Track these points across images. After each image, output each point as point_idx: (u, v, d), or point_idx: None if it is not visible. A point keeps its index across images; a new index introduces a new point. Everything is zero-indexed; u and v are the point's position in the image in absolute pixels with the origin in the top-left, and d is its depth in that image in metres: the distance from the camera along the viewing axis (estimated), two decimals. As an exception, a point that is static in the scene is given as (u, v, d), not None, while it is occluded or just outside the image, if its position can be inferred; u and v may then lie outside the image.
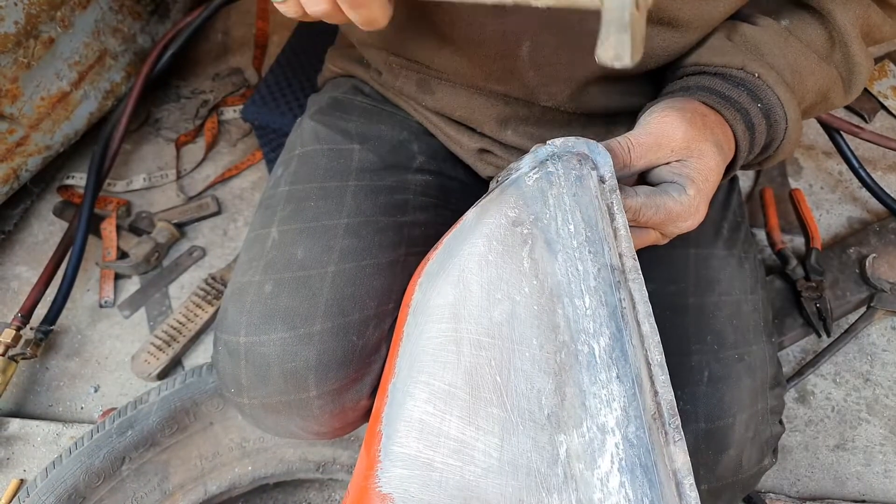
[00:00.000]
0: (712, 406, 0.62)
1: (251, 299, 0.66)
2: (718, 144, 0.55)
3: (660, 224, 0.54)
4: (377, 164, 0.76)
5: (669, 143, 0.53)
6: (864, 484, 1.13)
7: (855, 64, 0.64)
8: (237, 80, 1.57)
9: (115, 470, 0.88)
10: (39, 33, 1.22)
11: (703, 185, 0.54)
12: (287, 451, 0.93)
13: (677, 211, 0.53)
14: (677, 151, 0.54)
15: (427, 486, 0.54)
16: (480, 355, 0.56)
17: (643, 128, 0.55)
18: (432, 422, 0.56)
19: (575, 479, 0.51)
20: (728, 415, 0.61)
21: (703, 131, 0.54)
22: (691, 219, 0.55)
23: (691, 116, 0.54)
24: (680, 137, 0.53)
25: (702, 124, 0.55)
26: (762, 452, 0.64)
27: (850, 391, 1.22)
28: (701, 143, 0.54)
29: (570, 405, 0.52)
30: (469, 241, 0.60)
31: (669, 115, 0.54)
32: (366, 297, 0.66)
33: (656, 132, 0.54)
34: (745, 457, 0.62)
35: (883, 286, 1.23)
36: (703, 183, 0.54)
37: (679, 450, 0.52)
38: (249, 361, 0.64)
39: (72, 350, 1.25)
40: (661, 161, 0.54)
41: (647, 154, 0.54)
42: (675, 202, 0.53)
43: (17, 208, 1.36)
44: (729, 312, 0.66)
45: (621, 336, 0.53)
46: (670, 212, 0.53)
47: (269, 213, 0.73)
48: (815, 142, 1.49)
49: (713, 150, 0.54)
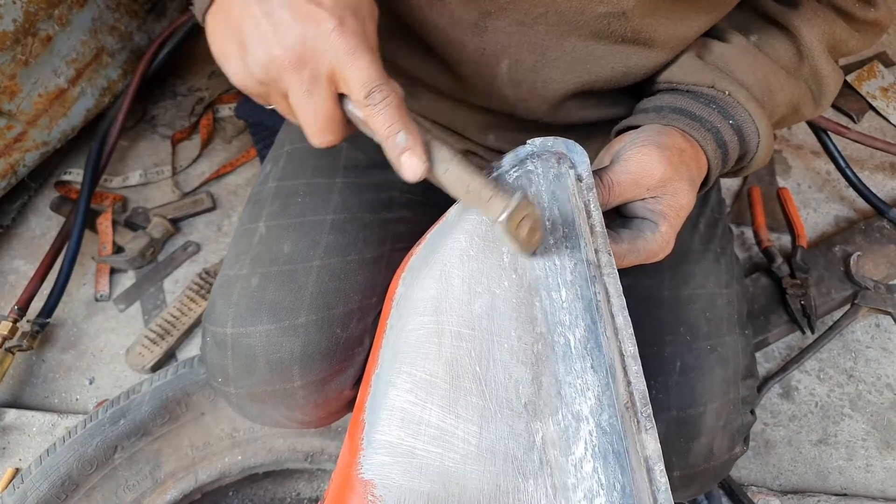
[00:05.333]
0: (684, 395, 0.63)
1: (238, 292, 0.67)
2: (692, 181, 0.58)
3: (639, 262, 0.57)
4: (364, 161, 0.78)
5: (647, 182, 0.56)
6: (845, 478, 1.15)
7: (823, 77, 0.66)
8: (233, 78, 1.58)
9: (107, 458, 0.90)
10: (38, 31, 1.23)
11: (674, 221, 0.57)
12: (276, 442, 0.95)
13: (653, 250, 0.57)
14: (653, 189, 0.56)
15: (408, 472, 0.55)
16: (461, 346, 0.57)
17: (623, 165, 0.56)
18: (414, 410, 0.57)
19: (550, 465, 0.52)
20: (699, 404, 0.63)
21: (680, 169, 0.57)
22: (662, 252, 0.58)
23: (669, 154, 0.56)
24: (658, 178, 0.55)
25: (679, 161, 0.57)
26: (733, 441, 0.66)
27: (834, 387, 1.24)
28: (676, 182, 0.56)
29: (547, 394, 0.54)
30: (451, 237, 0.61)
31: (650, 153, 0.56)
32: (350, 290, 0.68)
33: (636, 171, 0.56)
34: (716, 445, 0.64)
35: (867, 284, 1.25)
36: (675, 219, 0.57)
37: (650, 437, 0.54)
38: (236, 352, 0.66)
39: (67, 343, 1.27)
40: (637, 198, 0.57)
41: (625, 193, 0.56)
42: (651, 243, 0.57)
43: (15, 203, 1.38)
44: (703, 305, 0.68)
45: (596, 328, 0.55)
46: (648, 252, 0.57)
47: (258, 209, 0.74)
48: (804, 142, 1.51)
49: (686, 188, 0.57)
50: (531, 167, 0.59)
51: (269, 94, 0.51)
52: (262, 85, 0.50)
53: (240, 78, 0.51)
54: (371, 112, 0.47)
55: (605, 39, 0.62)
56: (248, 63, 0.49)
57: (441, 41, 0.66)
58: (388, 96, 0.47)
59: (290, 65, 0.47)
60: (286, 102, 0.51)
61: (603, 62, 0.64)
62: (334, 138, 0.52)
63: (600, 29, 0.60)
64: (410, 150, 0.48)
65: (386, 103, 0.47)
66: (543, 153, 0.60)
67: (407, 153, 0.48)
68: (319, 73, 0.47)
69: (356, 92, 0.47)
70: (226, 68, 0.51)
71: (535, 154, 0.60)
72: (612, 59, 0.63)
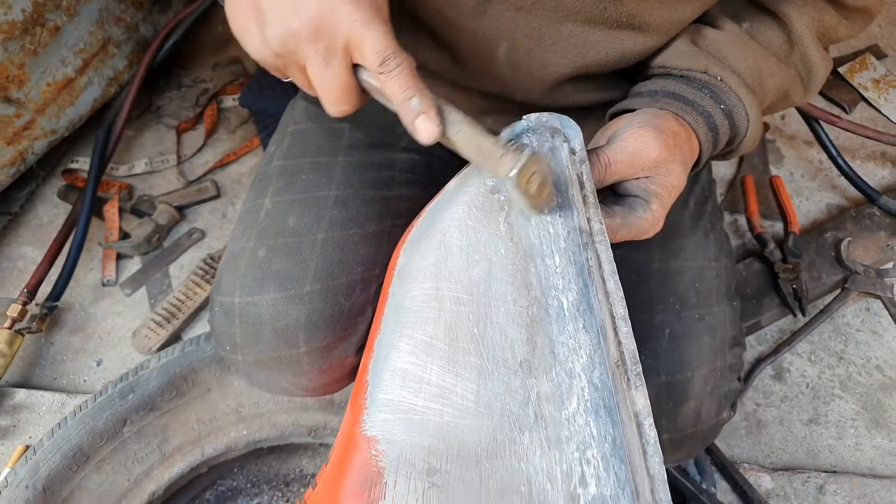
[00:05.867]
0: (673, 361, 0.66)
1: (245, 263, 0.70)
2: (684, 163, 0.61)
3: (629, 238, 0.60)
4: (366, 141, 0.81)
5: (643, 162, 0.59)
6: (835, 456, 1.18)
7: (812, 64, 0.69)
8: (236, 70, 1.61)
9: (116, 431, 0.93)
10: (46, 21, 1.26)
11: (666, 201, 0.60)
12: (280, 417, 0.98)
13: (644, 227, 0.60)
14: (647, 169, 0.59)
15: (409, 427, 0.58)
16: (460, 310, 0.60)
17: (622, 144, 0.59)
18: (415, 370, 0.60)
19: (544, 419, 0.55)
20: (688, 369, 0.66)
21: (674, 151, 0.59)
22: (652, 230, 0.61)
23: (665, 137, 0.59)
24: (653, 159, 0.58)
25: (673, 144, 0.60)
26: (720, 406, 0.69)
27: (825, 369, 1.26)
28: (670, 163, 0.59)
29: (541, 353, 0.57)
30: (450, 208, 0.64)
31: (647, 135, 0.58)
32: (353, 262, 0.71)
33: (633, 151, 0.58)
34: (703, 409, 0.67)
35: (857, 268, 1.28)
36: (667, 198, 0.60)
37: (640, 394, 0.56)
38: (244, 320, 0.69)
39: (75, 326, 1.29)
40: (632, 177, 0.60)
41: (622, 171, 0.59)
42: (642, 220, 0.60)
43: (23, 191, 1.41)
44: (692, 277, 0.71)
45: (588, 291, 0.57)
46: (639, 228, 0.60)
47: (263, 186, 0.77)
48: (797, 131, 1.54)
49: (679, 170, 0.60)
50: (527, 141, 0.62)
51: (287, 67, 0.54)
52: (279, 58, 0.53)
53: (259, 52, 0.54)
54: (386, 79, 0.50)
55: (601, 24, 0.64)
56: (266, 37, 0.51)
57: (442, 24, 0.69)
58: (402, 63, 0.50)
59: (306, 37, 0.49)
60: (303, 74, 0.53)
61: (598, 46, 0.66)
62: (350, 107, 0.55)
63: (596, 14, 0.63)
64: (425, 113, 0.51)
65: (400, 70, 0.50)
66: (539, 128, 0.63)
67: (421, 117, 0.51)
68: (335, 45, 0.50)
69: (371, 60, 0.50)
70: (245, 43, 0.54)
71: (530, 129, 0.63)
72: (608, 43, 0.66)
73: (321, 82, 0.52)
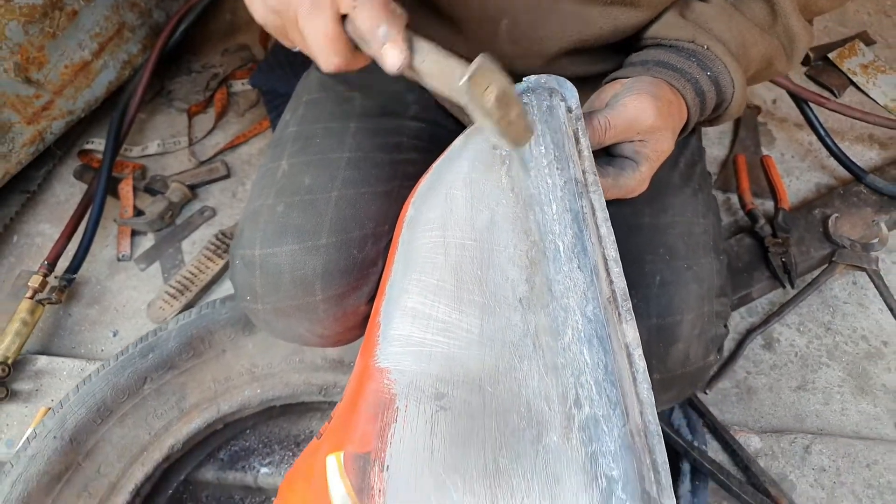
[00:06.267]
0: (663, 305, 0.71)
1: (265, 218, 0.75)
2: (674, 130, 0.67)
3: (617, 196, 0.67)
4: (376, 110, 0.86)
5: (639, 126, 0.65)
6: (822, 420, 1.23)
7: (794, 34, 0.74)
8: (245, 56, 1.67)
9: (137, 388, 0.98)
10: (64, 5, 1.31)
11: (654, 163, 0.67)
12: (293, 377, 1.03)
13: (632, 186, 0.67)
14: (642, 133, 0.65)
15: (418, 358, 0.63)
16: (464, 255, 0.65)
17: (621, 109, 0.65)
18: (423, 309, 0.65)
19: (542, 349, 0.60)
20: (677, 313, 0.71)
21: (667, 119, 0.65)
22: (639, 189, 0.68)
23: (660, 105, 0.65)
24: (649, 124, 0.64)
25: (667, 112, 0.66)
26: (707, 349, 0.74)
27: (813, 339, 1.32)
28: (662, 130, 0.65)
29: (539, 291, 0.62)
30: (456, 164, 0.70)
31: (645, 102, 0.64)
32: (365, 218, 0.76)
33: (631, 116, 0.64)
34: (692, 351, 0.72)
35: (844, 243, 1.33)
36: (655, 161, 0.67)
37: (630, 328, 0.62)
38: (264, 271, 0.74)
39: (92, 298, 1.34)
40: (627, 140, 0.66)
41: (619, 134, 0.65)
42: (631, 179, 0.67)
43: (41, 170, 1.46)
44: (681, 231, 0.76)
45: (582, 235, 0.63)
46: (627, 187, 0.67)
47: (280, 150, 0.82)
48: (788, 114, 1.59)
49: (669, 136, 0.67)
50: (527, 100, 0.67)
51: (286, 27, 0.57)
52: (277, 15, 0.56)
53: (260, 13, 0.57)
54: (356, 12, 0.51)
55: (596, 1, 0.70)
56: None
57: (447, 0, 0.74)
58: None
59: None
60: (298, 32, 0.56)
61: (593, 22, 0.72)
62: (339, 60, 0.56)
63: None
64: (392, 41, 0.52)
65: (370, 1, 0.51)
66: (537, 88, 0.68)
67: (388, 44, 0.52)
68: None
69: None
70: (251, 8, 0.59)
71: (529, 89, 0.68)
72: (602, 19, 0.71)
73: (310, 32, 0.54)
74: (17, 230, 1.43)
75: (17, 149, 1.32)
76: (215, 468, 1.10)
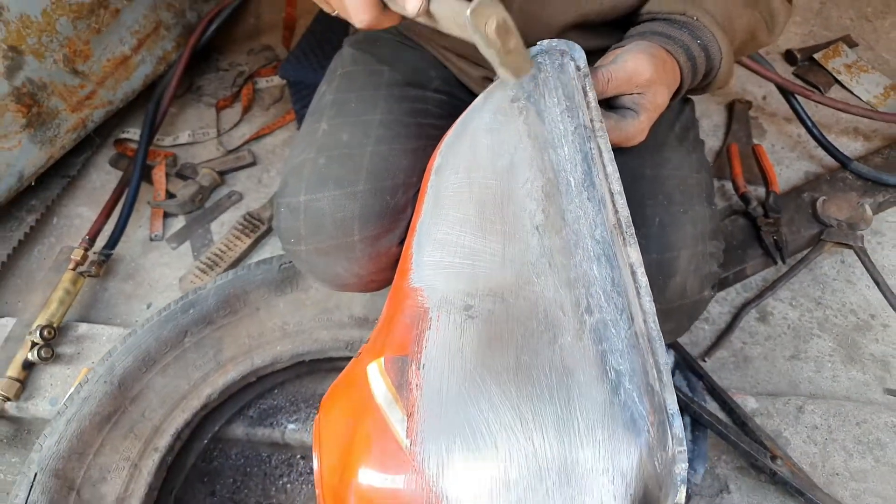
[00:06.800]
0: (662, 243, 0.80)
1: (308, 169, 0.85)
2: (669, 86, 0.77)
3: (619, 142, 0.76)
4: (402, 81, 0.96)
5: (637, 80, 0.75)
6: (814, 387, 1.31)
7: (774, 9, 0.85)
8: (269, 55, 1.78)
9: (179, 341, 1.06)
10: (109, 4, 1.43)
11: (652, 114, 0.77)
12: (322, 333, 1.11)
13: (632, 132, 0.76)
14: (640, 87, 0.75)
15: (448, 278, 0.72)
16: (487, 192, 0.74)
17: (622, 64, 0.75)
18: (451, 238, 0.74)
19: (556, 267, 0.69)
20: (674, 249, 0.80)
21: (662, 75, 0.76)
22: (638, 137, 0.77)
23: (656, 62, 0.75)
24: (646, 78, 0.74)
25: (662, 70, 0.76)
26: (702, 284, 0.82)
27: (804, 312, 1.40)
28: (658, 84, 0.75)
29: (553, 219, 0.71)
30: (478, 115, 0.79)
31: (643, 58, 0.74)
32: (396, 170, 0.85)
33: (631, 70, 0.74)
34: (688, 284, 0.81)
35: (831, 222, 1.42)
36: (653, 112, 0.77)
37: (633, 250, 0.70)
38: (307, 215, 0.83)
39: (127, 274, 1.43)
40: (627, 92, 0.76)
41: (620, 86, 0.75)
42: (631, 126, 0.76)
43: (80, 157, 1.56)
44: (677, 182, 0.85)
45: (591, 172, 0.72)
46: (627, 133, 0.76)
47: (318, 115, 0.92)
48: (777, 109, 1.70)
49: (664, 91, 0.76)
50: (541, 60, 0.77)
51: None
52: None
53: None
54: None
55: None
56: None
57: None
58: None
59: None
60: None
61: None
62: (370, 17, 0.65)
63: None
64: None
65: None
66: (550, 50, 0.78)
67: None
68: None
69: None
70: None
71: (543, 51, 0.78)
72: None
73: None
74: (58, 212, 1.52)
75: (61, 134, 1.42)
76: (245, 424, 1.18)
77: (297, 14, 1.86)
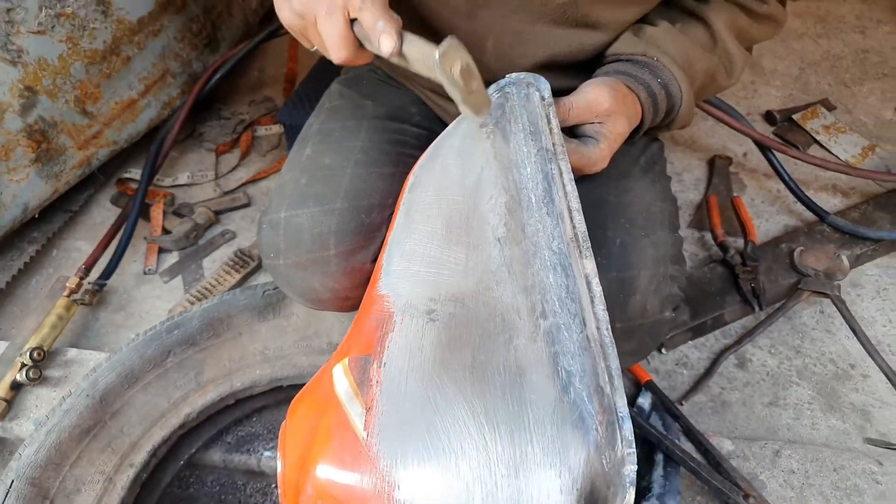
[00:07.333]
0: (623, 262, 0.84)
1: (290, 188, 0.90)
2: (629, 117, 0.84)
3: (581, 167, 0.82)
4: (384, 114, 1.02)
5: (597, 109, 0.81)
6: (793, 433, 1.31)
7: (731, 55, 0.92)
8: (269, 106, 1.87)
9: (162, 360, 1.09)
10: (121, 52, 1.52)
11: (612, 143, 0.83)
12: (300, 359, 1.14)
13: (594, 158, 0.82)
14: (600, 116, 0.82)
15: (413, 285, 0.75)
16: (454, 208, 0.79)
17: (582, 94, 0.82)
18: (418, 250, 0.78)
19: (515, 275, 0.73)
20: (634, 268, 0.83)
21: (622, 107, 0.82)
22: (599, 164, 0.84)
23: (616, 94, 0.82)
24: (606, 108, 0.81)
25: (622, 101, 0.82)
26: (663, 305, 0.85)
27: (783, 360, 1.41)
28: (618, 114, 0.82)
29: (514, 231, 0.75)
30: (450, 139, 0.85)
31: (602, 90, 0.81)
32: (373, 191, 0.90)
33: (591, 99, 0.81)
34: (648, 303, 0.84)
35: (809, 272, 1.46)
36: (613, 141, 0.83)
37: (589, 262, 0.74)
38: (287, 230, 0.88)
39: (119, 306, 1.47)
40: (588, 121, 0.83)
41: (581, 115, 0.82)
42: (592, 152, 0.82)
43: (83, 193, 1.63)
44: (640, 208, 0.90)
45: (551, 189, 0.77)
46: (589, 159, 0.82)
47: (304, 142, 0.98)
48: (757, 166, 1.76)
49: (624, 121, 0.83)
50: (509, 90, 0.84)
51: (306, 28, 0.73)
52: (300, 18, 0.72)
53: (287, 16, 0.74)
54: (362, 14, 0.67)
55: (564, 24, 0.87)
56: (292, 3, 0.72)
57: (440, 24, 0.91)
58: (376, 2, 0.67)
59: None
60: (316, 31, 0.72)
61: (563, 41, 0.89)
62: (347, 54, 0.71)
63: (559, 16, 0.86)
64: (387, 32, 0.66)
65: (372, 3, 0.67)
66: (518, 81, 0.84)
67: (384, 34, 0.67)
68: (336, 2, 0.68)
69: (354, 4, 0.68)
70: (280, 14, 0.75)
71: (511, 82, 0.85)
72: (570, 38, 0.89)
73: (325, 30, 0.70)
74: (57, 245, 1.58)
75: (67, 170, 1.49)
76: (222, 450, 1.18)
77: (299, 69, 1.97)
